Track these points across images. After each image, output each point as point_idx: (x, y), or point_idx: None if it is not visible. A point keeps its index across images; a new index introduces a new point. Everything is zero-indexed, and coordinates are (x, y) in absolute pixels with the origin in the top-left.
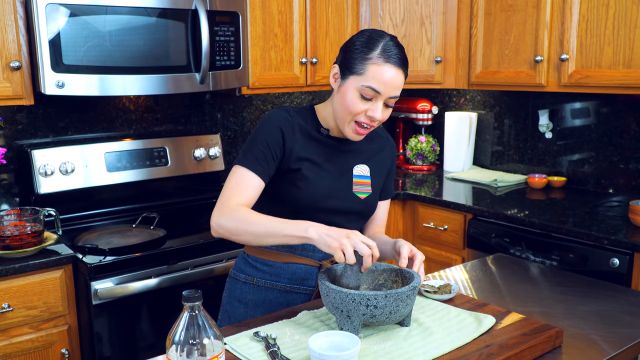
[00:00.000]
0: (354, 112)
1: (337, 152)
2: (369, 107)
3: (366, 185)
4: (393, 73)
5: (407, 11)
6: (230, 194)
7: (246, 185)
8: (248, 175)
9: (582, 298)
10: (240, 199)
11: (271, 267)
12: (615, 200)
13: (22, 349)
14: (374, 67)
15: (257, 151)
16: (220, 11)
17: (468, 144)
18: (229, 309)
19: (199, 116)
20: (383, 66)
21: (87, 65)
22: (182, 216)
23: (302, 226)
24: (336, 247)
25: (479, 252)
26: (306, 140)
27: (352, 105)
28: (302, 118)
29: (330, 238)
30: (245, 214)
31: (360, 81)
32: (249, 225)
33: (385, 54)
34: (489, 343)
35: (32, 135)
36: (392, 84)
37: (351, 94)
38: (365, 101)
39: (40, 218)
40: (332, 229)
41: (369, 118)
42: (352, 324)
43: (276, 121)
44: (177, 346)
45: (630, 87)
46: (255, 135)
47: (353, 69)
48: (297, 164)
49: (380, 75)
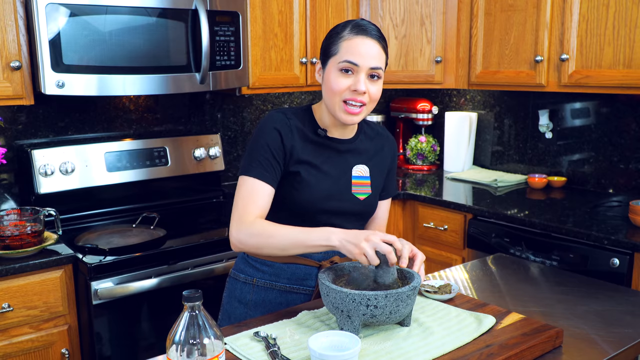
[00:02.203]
0: (338, 90)
1: (335, 153)
2: (352, 81)
3: (365, 186)
4: (367, 42)
5: (407, 11)
6: (244, 207)
7: (257, 195)
8: (257, 185)
9: (582, 298)
10: (255, 211)
11: (271, 267)
12: (615, 200)
13: (22, 349)
14: (347, 42)
15: (260, 158)
16: (220, 11)
17: (468, 144)
18: (229, 309)
19: (199, 116)
20: (355, 38)
21: (87, 65)
22: (182, 216)
23: (324, 235)
24: (358, 253)
25: (479, 252)
26: (304, 142)
27: (335, 84)
28: (299, 119)
29: (350, 244)
30: (263, 227)
31: (337, 59)
32: (269, 238)
33: (355, 29)
34: (489, 343)
35: (32, 135)
36: (367, 53)
37: (333, 75)
38: (346, 76)
39: (41, 218)
40: (351, 233)
41: (355, 93)
42: (353, 324)
43: (273, 123)
44: (177, 346)
45: (630, 87)
46: (255, 141)
47: (329, 52)
48: (295, 167)
49: (353, 47)
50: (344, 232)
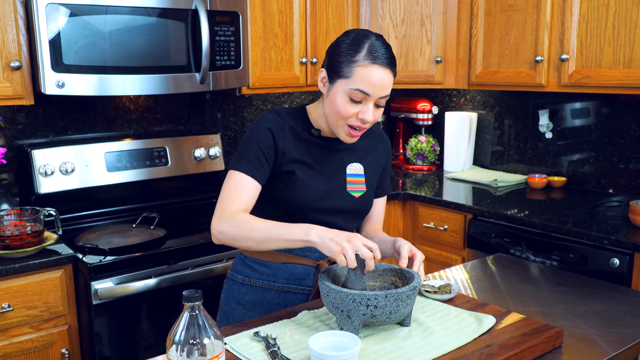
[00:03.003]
0: (345, 116)
1: (329, 152)
2: (360, 109)
3: (360, 183)
4: (381, 74)
5: (407, 11)
6: (228, 200)
7: (243, 189)
8: (244, 180)
9: (582, 298)
10: (238, 204)
11: (268, 267)
12: (615, 200)
13: (22, 349)
14: (361, 70)
15: (250, 155)
16: (220, 11)
17: (468, 144)
18: (227, 310)
19: (199, 116)
20: (370, 67)
21: (87, 65)
22: (182, 216)
23: (303, 229)
24: (338, 251)
25: (479, 252)
26: (298, 142)
27: (343, 109)
28: (292, 119)
29: (332, 242)
30: (245, 219)
31: (349, 84)
32: (249, 231)
33: (371, 55)
34: (489, 343)
35: (32, 135)
36: (380, 85)
37: (340, 98)
38: (355, 104)
39: (41, 218)
40: (332, 232)
41: (361, 120)
42: (353, 324)
43: (266, 123)
44: (177, 346)
45: (630, 87)
46: (247, 140)
47: (340, 72)
48: (289, 166)
49: (368, 77)
50: (325, 230)
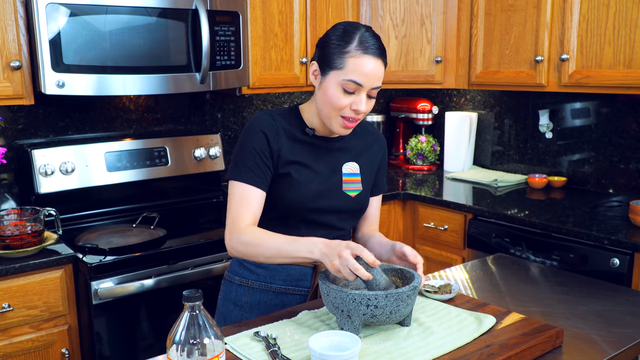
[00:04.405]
0: (338, 107)
1: (324, 151)
2: (353, 100)
3: (356, 182)
4: (373, 64)
5: (408, 11)
6: (237, 214)
7: (250, 201)
8: (248, 190)
9: (582, 298)
10: (247, 217)
11: (265, 269)
12: (615, 200)
13: (22, 349)
14: (354, 60)
15: (249, 162)
16: (220, 11)
17: (468, 144)
18: (224, 312)
19: (199, 116)
20: (362, 58)
21: (88, 65)
22: (182, 216)
23: (307, 248)
24: (335, 271)
25: (479, 252)
26: (292, 142)
27: (336, 100)
28: (286, 120)
29: (327, 258)
30: (254, 235)
31: (341, 75)
32: (258, 247)
33: (362, 45)
34: (489, 343)
35: (32, 135)
36: (373, 75)
37: (333, 89)
38: (348, 95)
39: (41, 218)
40: (329, 247)
41: (354, 111)
42: (353, 324)
43: (259, 126)
44: (177, 346)
45: (630, 87)
46: (242, 145)
47: (332, 64)
48: (285, 167)
49: (360, 67)
50: (326, 246)
